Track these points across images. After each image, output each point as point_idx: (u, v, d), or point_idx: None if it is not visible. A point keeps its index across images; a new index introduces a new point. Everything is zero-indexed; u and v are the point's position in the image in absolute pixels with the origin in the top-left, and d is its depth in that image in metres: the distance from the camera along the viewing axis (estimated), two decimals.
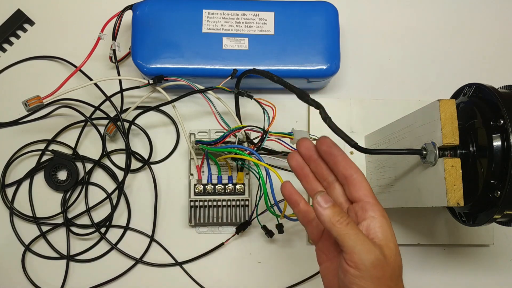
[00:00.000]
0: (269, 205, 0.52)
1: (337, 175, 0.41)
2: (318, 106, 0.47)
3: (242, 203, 0.59)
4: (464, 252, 0.62)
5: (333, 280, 0.40)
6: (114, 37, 0.60)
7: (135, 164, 0.62)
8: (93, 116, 0.62)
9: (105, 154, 0.61)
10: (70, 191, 0.60)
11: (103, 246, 0.60)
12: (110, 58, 0.61)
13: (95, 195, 0.61)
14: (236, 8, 0.60)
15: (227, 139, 0.55)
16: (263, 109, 0.56)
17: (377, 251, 0.36)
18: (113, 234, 0.60)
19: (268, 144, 0.58)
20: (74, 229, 0.60)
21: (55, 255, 0.59)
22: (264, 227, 0.58)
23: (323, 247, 0.42)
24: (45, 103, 0.57)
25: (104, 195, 0.60)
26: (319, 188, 0.43)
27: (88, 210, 0.60)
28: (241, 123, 0.59)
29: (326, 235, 0.42)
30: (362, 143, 0.61)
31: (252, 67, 0.57)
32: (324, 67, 0.59)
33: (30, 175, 0.61)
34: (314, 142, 0.43)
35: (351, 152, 0.62)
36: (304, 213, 0.44)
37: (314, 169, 0.43)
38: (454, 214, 0.51)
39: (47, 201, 0.60)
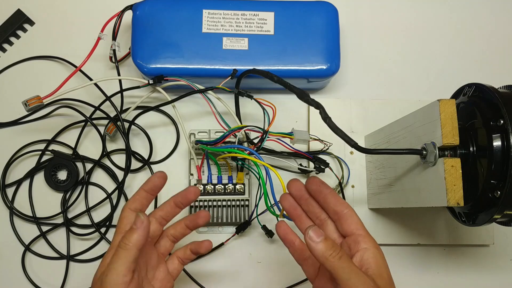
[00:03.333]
0: (269, 205, 0.52)
1: (328, 212, 0.42)
2: (318, 106, 0.47)
3: (242, 203, 0.59)
4: (464, 252, 0.62)
5: None
6: (114, 37, 0.60)
7: (135, 164, 0.61)
8: (93, 116, 0.62)
9: (105, 154, 0.61)
10: (70, 191, 0.60)
11: (103, 246, 0.60)
12: (110, 58, 0.61)
13: (95, 195, 0.61)
14: (236, 8, 0.60)
15: (227, 139, 0.55)
16: (263, 109, 0.56)
17: (371, 282, 0.36)
18: (113, 234, 0.60)
19: (268, 144, 0.58)
20: (74, 229, 0.60)
21: (55, 255, 0.59)
22: (264, 227, 0.58)
23: (320, 285, 0.42)
24: (45, 103, 0.57)
25: (104, 195, 0.60)
26: None
27: (88, 210, 0.60)
28: (241, 123, 0.59)
29: (322, 272, 0.43)
30: (362, 143, 0.61)
31: (252, 67, 0.57)
32: (324, 67, 0.59)
33: (30, 175, 0.61)
34: (304, 181, 0.44)
35: (351, 152, 0.62)
36: (300, 251, 0.44)
37: (306, 208, 0.44)
38: (454, 214, 0.51)
39: (47, 201, 0.60)
